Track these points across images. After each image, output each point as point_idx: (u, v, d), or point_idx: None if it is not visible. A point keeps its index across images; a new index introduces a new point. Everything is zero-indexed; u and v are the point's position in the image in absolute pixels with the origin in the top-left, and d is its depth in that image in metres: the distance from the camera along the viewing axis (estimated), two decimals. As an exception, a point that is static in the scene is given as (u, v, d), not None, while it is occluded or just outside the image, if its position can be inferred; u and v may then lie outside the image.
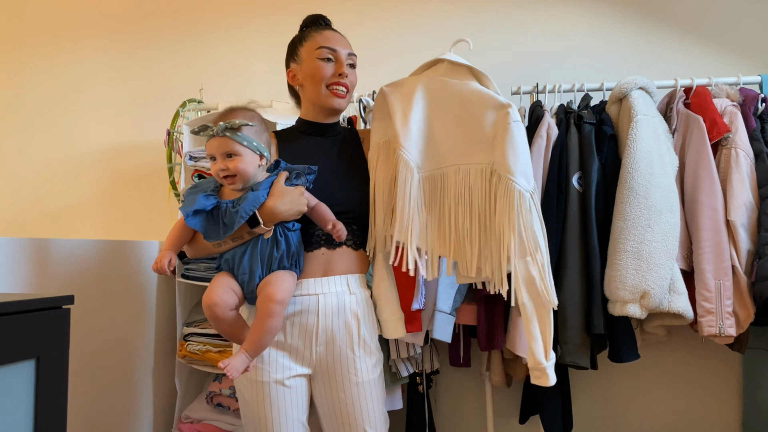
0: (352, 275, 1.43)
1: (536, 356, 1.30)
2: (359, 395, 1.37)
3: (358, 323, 1.39)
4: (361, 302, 1.42)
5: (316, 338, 1.37)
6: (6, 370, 0.96)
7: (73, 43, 2.86)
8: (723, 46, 2.29)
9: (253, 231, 1.31)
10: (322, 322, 1.37)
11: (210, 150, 1.32)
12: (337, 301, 1.38)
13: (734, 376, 2.15)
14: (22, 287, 1.60)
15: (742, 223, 1.75)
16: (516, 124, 1.29)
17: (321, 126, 1.50)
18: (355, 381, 1.38)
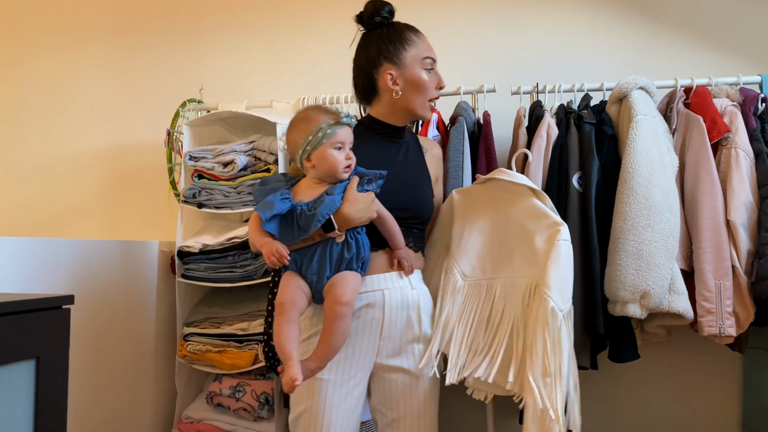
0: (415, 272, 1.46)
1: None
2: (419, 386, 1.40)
3: (419, 317, 1.42)
4: (423, 297, 1.45)
5: (381, 332, 1.39)
6: (6, 370, 0.96)
7: (73, 43, 2.87)
8: (723, 46, 2.29)
9: (325, 234, 1.30)
10: (387, 316, 1.39)
11: (344, 138, 1.32)
12: (400, 296, 1.40)
13: (734, 376, 2.15)
14: (22, 287, 1.60)
15: (742, 223, 1.75)
16: (564, 243, 1.32)
17: (395, 129, 1.51)
18: (417, 373, 1.40)
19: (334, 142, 1.30)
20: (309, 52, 2.63)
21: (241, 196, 2.10)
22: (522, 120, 2.02)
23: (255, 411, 1.99)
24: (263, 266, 2.05)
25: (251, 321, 2.05)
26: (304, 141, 1.31)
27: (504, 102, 2.21)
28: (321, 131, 1.30)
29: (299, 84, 2.61)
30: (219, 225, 2.23)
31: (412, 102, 1.46)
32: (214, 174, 2.14)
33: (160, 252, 2.16)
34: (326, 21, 2.62)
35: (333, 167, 1.31)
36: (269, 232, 1.29)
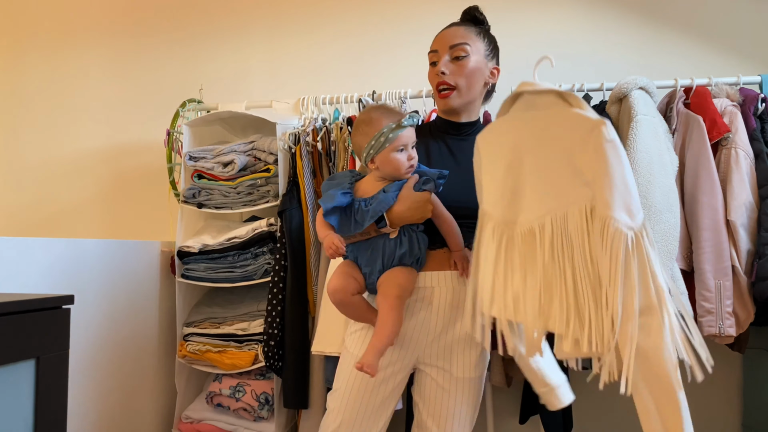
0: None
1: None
2: (458, 391, 1.38)
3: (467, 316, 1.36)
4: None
5: (429, 329, 1.38)
6: (6, 370, 0.96)
7: (73, 43, 2.87)
8: (723, 46, 2.29)
9: (379, 230, 1.33)
10: (435, 314, 1.37)
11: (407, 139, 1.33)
12: (452, 296, 1.38)
13: (734, 376, 2.15)
14: (22, 287, 1.60)
15: (742, 223, 1.75)
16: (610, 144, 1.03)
17: (455, 125, 1.49)
18: (458, 376, 1.38)
19: (396, 145, 1.32)
20: (309, 52, 2.63)
21: (241, 196, 2.10)
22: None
23: (255, 411, 1.99)
24: (263, 266, 2.05)
25: (251, 321, 2.05)
26: (367, 145, 1.33)
27: (504, 102, 2.20)
28: (383, 135, 1.32)
29: (299, 84, 2.61)
30: (219, 225, 2.23)
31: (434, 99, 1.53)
32: (213, 174, 2.14)
33: (160, 252, 2.16)
34: (326, 21, 2.62)
35: (396, 170, 1.34)
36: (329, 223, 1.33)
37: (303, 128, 2.09)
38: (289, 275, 1.94)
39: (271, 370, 1.95)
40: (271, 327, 1.92)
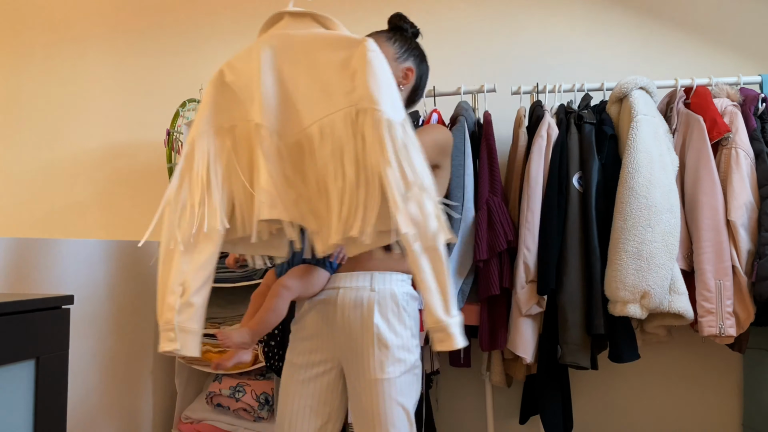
0: (381, 273, 1.43)
1: (435, 313, 1.10)
2: (373, 392, 1.37)
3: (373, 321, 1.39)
4: (383, 300, 1.41)
5: (338, 330, 1.40)
6: (6, 370, 0.96)
7: (72, 43, 2.86)
8: (723, 46, 2.29)
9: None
10: (340, 314, 1.39)
11: None
12: (355, 296, 1.39)
13: (734, 376, 2.15)
14: (23, 287, 1.60)
15: (743, 223, 1.75)
16: (374, 54, 1.14)
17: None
18: (370, 378, 1.37)
19: None
20: (309, 52, 2.63)
21: (241, 196, 2.10)
22: (522, 120, 2.02)
23: (255, 411, 1.99)
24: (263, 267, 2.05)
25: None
26: None
27: (504, 102, 2.20)
28: None
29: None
30: (219, 225, 2.23)
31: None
32: (214, 174, 2.14)
33: (160, 252, 2.15)
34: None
35: None
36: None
37: (303, 128, 2.09)
38: (289, 275, 1.93)
39: (271, 371, 1.95)
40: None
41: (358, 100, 1.13)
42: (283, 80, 1.22)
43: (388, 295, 1.41)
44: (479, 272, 1.85)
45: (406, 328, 1.43)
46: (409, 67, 1.52)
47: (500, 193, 1.87)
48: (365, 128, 1.10)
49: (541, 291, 1.78)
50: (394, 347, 1.39)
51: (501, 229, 1.81)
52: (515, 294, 1.82)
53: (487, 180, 1.88)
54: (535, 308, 1.82)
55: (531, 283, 1.81)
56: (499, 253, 1.83)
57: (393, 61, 1.49)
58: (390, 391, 1.37)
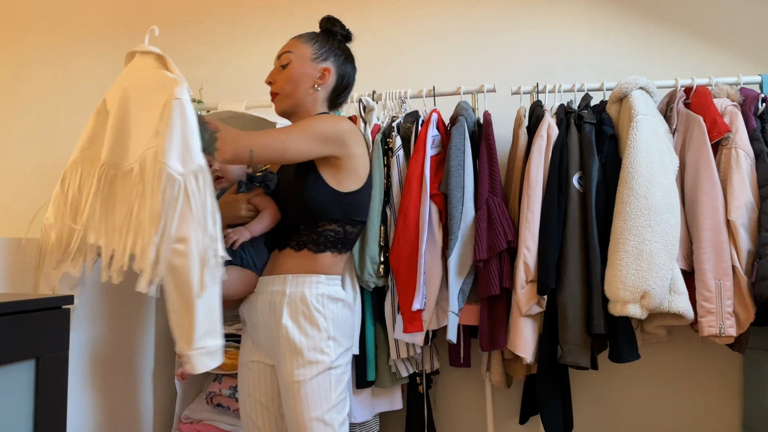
0: (296, 275, 1.45)
1: (179, 345, 1.29)
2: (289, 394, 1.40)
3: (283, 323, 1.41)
4: (294, 302, 1.42)
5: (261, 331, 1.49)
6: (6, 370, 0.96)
7: (72, 43, 2.86)
8: (723, 46, 2.29)
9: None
10: (260, 318, 1.48)
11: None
12: (270, 300, 1.45)
13: (734, 376, 2.15)
14: (23, 287, 1.60)
15: (743, 223, 1.75)
16: (177, 102, 1.23)
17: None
18: (286, 381, 1.41)
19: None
20: (309, 52, 2.63)
21: (241, 196, 2.10)
22: (522, 120, 2.02)
23: (255, 411, 1.99)
24: (263, 266, 2.06)
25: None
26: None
27: (504, 102, 2.21)
28: None
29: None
30: (219, 225, 2.23)
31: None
32: (213, 174, 2.14)
33: (160, 252, 2.15)
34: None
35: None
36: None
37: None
38: (289, 275, 1.94)
39: (271, 370, 1.95)
40: (270, 327, 1.92)
41: (156, 144, 1.24)
42: (126, 114, 1.35)
43: (298, 297, 1.43)
44: (479, 272, 1.85)
45: (320, 330, 1.42)
46: (326, 67, 1.55)
47: (500, 193, 1.87)
48: (153, 175, 1.23)
49: (541, 291, 1.78)
50: (304, 349, 1.40)
51: (501, 229, 1.81)
52: (515, 294, 1.82)
53: (487, 180, 1.88)
54: (535, 308, 1.82)
55: (531, 283, 1.81)
56: (499, 253, 1.83)
57: (309, 61, 1.55)
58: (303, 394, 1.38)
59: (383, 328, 1.93)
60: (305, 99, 1.54)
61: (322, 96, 1.56)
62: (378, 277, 1.88)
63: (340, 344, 1.45)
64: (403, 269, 1.84)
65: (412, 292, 1.80)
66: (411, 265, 1.83)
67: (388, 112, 2.12)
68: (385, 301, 1.93)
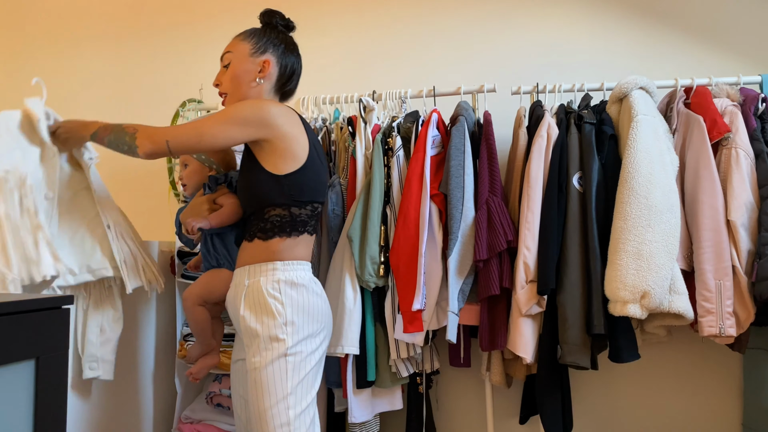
0: (254, 265, 1.47)
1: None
2: (248, 382, 1.42)
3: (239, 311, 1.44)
4: (250, 292, 1.44)
5: (235, 327, 1.53)
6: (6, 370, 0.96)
7: (72, 43, 2.86)
8: (723, 46, 2.29)
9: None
10: (230, 313, 1.53)
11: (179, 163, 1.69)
12: (233, 294, 1.49)
13: (734, 376, 2.15)
14: (22, 287, 1.60)
15: (743, 223, 1.75)
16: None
17: None
18: (247, 368, 1.43)
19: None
20: (309, 52, 2.62)
21: (241, 196, 2.10)
22: (522, 120, 2.02)
23: (255, 411, 1.99)
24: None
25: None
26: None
27: (504, 102, 2.21)
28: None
29: (299, 84, 2.60)
30: (219, 225, 2.23)
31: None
32: (214, 174, 2.14)
33: (159, 252, 2.16)
34: (326, 21, 2.62)
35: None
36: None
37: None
38: (289, 275, 1.94)
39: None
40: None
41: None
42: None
43: (255, 287, 1.45)
44: (479, 272, 1.85)
45: (274, 317, 1.41)
46: (265, 59, 1.55)
47: (500, 193, 1.87)
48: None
49: (541, 291, 1.78)
50: (258, 337, 1.41)
51: (501, 229, 1.81)
52: (515, 294, 1.82)
53: (487, 180, 1.88)
54: (535, 308, 1.82)
55: (531, 283, 1.81)
56: (499, 253, 1.83)
57: (249, 56, 1.55)
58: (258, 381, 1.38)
59: (383, 328, 1.93)
60: (250, 93, 1.55)
61: (267, 88, 1.56)
62: (378, 277, 1.88)
63: (298, 330, 1.41)
64: (403, 269, 1.84)
65: (412, 292, 1.81)
66: (411, 265, 1.83)
67: (388, 112, 2.12)
68: (385, 301, 1.93)
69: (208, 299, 1.55)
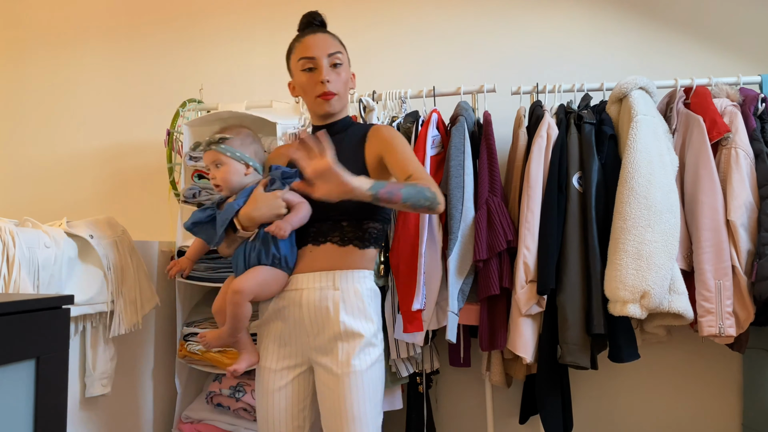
0: (342, 271, 1.45)
1: None
2: (343, 386, 1.40)
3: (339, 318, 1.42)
4: (348, 297, 1.44)
5: (305, 329, 1.45)
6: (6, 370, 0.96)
7: (73, 44, 2.87)
8: (723, 46, 2.30)
9: (237, 236, 1.47)
10: (306, 314, 1.44)
11: (205, 163, 1.54)
12: (319, 296, 1.43)
13: (734, 376, 2.15)
14: (22, 287, 1.60)
15: (742, 223, 1.75)
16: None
17: (324, 127, 1.57)
18: (338, 372, 1.40)
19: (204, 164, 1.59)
20: (309, 52, 2.63)
21: (241, 196, 2.10)
22: (522, 120, 2.02)
23: (255, 411, 1.99)
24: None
25: (251, 321, 2.05)
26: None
27: (504, 102, 2.21)
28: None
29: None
30: (219, 225, 2.23)
31: (308, 103, 1.56)
32: (214, 174, 2.14)
33: (160, 252, 2.16)
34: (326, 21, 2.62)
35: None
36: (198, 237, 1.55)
37: (303, 128, 2.09)
38: (289, 275, 1.94)
39: (271, 370, 1.95)
40: (271, 327, 1.92)
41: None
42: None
43: (352, 292, 1.45)
44: (479, 272, 1.85)
45: (373, 323, 1.46)
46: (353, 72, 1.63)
47: (500, 193, 1.87)
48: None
49: (540, 291, 1.78)
50: (362, 341, 1.42)
51: (501, 229, 1.81)
52: (515, 294, 1.82)
53: (486, 180, 1.88)
54: (535, 308, 1.82)
55: (531, 283, 1.81)
56: (498, 253, 1.83)
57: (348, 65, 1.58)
58: (360, 383, 1.41)
59: (383, 327, 1.93)
60: (347, 102, 1.58)
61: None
62: (378, 276, 1.88)
63: (382, 338, 1.51)
64: (403, 269, 1.84)
65: (412, 292, 1.80)
66: (411, 265, 1.83)
67: (388, 112, 2.12)
68: (385, 301, 1.93)
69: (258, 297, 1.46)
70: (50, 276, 1.51)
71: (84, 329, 1.73)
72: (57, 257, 1.54)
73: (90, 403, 1.82)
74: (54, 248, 1.54)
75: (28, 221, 1.59)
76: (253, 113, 2.15)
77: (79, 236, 1.66)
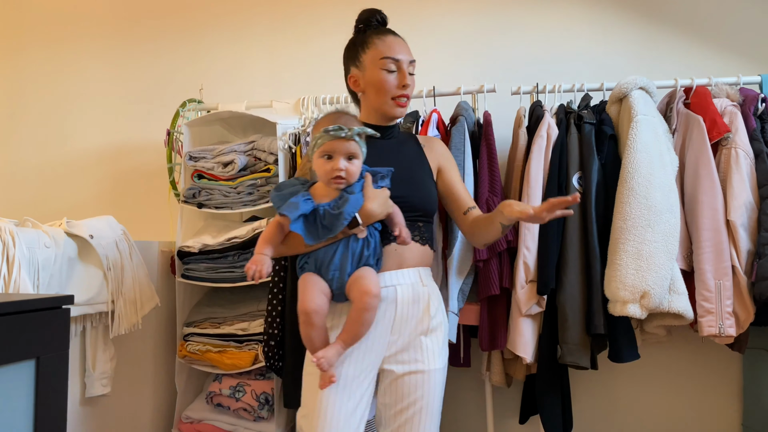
0: (423, 268, 1.47)
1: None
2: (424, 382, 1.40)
3: (429, 314, 1.43)
4: (434, 294, 1.47)
5: (392, 327, 1.41)
6: (6, 370, 0.96)
7: (73, 44, 2.86)
8: (723, 46, 2.30)
9: (347, 231, 1.34)
10: (399, 312, 1.41)
11: (331, 149, 1.32)
12: (412, 292, 1.42)
13: (734, 376, 2.15)
14: (22, 287, 1.60)
15: (742, 223, 1.75)
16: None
17: (381, 129, 1.52)
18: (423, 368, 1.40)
19: (322, 151, 1.34)
20: (309, 52, 2.63)
21: (241, 196, 2.10)
22: (522, 120, 2.02)
23: (255, 411, 1.99)
24: (263, 266, 2.05)
25: (251, 321, 2.05)
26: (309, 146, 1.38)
27: (504, 102, 2.21)
28: (315, 140, 1.35)
29: (299, 84, 2.61)
30: (219, 225, 2.23)
31: (376, 101, 1.50)
32: (213, 174, 2.14)
33: (160, 252, 2.16)
34: (326, 21, 2.62)
35: (320, 175, 1.36)
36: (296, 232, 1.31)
37: (303, 128, 2.09)
38: (289, 275, 1.93)
39: (271, 370, 1.95)
40: (271, 327, 1.92)
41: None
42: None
43: (436, 290, 1.49)
44: (479, 272, 1.85)
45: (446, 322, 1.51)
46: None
47: (500, 193, 1.87)
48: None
49: (540, 291, 1.78)
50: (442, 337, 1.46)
51: (501, 229, 1.81)
52: (515, 294, 1.82)
53: (487, 180, 1.88)
54: (535, 308, 1.82)
55: (531, 283, 1.81)
56: (498, 253, 1.83)
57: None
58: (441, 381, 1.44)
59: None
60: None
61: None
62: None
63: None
64: (403, 269, 1.84)
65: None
66: (411, 265, 1.83)
67: (388, 112, 2.12)
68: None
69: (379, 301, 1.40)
70: (50, 276, 1.51)
71: (84, 329, 1.73)
72: (57, 257, 1.54)
73: (90, 403, 1.82)
74: (54, 248, 1.53)
75: (28, 221, 1.59)
76: (253, 113, 2.15)
77: (79, 236, 1.66)
